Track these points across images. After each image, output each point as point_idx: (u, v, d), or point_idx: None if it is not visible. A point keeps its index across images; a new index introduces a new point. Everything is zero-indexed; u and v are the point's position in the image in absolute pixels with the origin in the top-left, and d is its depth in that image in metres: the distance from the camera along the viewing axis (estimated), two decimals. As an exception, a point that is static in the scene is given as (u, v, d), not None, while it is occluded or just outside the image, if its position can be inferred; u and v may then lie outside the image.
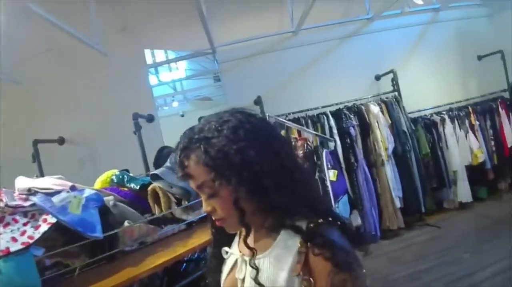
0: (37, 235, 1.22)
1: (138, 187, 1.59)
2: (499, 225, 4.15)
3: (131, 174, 1.72)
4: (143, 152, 3.85)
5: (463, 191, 4.90)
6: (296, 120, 4.53)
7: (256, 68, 5.11)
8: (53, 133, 4.48)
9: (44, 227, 1.25)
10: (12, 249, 1.16)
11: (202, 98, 7.32)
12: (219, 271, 1.10)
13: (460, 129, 5.03)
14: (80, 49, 4.14)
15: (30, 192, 1.34)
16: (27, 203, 1.30)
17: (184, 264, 2.01)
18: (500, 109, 5.24)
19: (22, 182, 1.40)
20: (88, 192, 1.43)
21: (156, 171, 1.58)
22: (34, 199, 1.30)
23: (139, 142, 3.87)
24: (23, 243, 1.19)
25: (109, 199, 1.48)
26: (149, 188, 1.57)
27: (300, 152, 2.49)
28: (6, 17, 3.30)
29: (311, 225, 0.92)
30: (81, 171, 4.41)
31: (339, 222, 0.95)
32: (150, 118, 4.18)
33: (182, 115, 7.57)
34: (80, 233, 1.28)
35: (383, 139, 4.50)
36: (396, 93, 4.96)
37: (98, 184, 1.71)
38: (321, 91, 5.04)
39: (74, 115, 4.56)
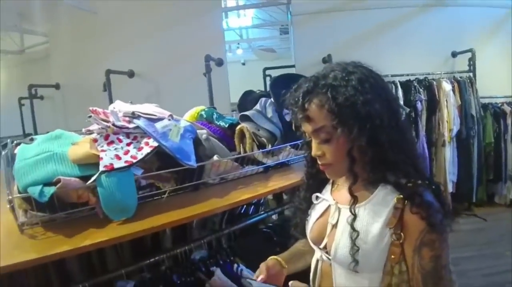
0: (140, 156, 1.31)
1: (227, 126, 1.66)
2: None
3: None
4: (211, 95, 3.95)
5: (517, 189, 4.69)
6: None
7: (328, 25, 4.96)
8: (124, 65, 4.62)
9: (146, 150, 1.33)
10: (116, 165, 1.24)
11: (266, 49, 7.28)
12: (307, 214, 1.20)
13: (531, 123, 4.77)
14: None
15: (134, 115, 1.43)
16: (131, 125, 1.39)
17: (244, 206, 2.13)
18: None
19: (123, 106, 1.49)
20: (184, 123, 1.52)
21: (246, 113, 1.65)
22: (139, 122, 1.39)
23: (208, 84, 3.95)
24: (126, 162, 1.27)
25: (202, 133, 1.57)
26: (238, 127, 1.64)
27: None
28: None
29: (410, 184, 0.98)
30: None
31: (434, 187, 1.01)
32: (220, 62, 4.23)
33: (244, 64, 7.60)
34: (177, 160, 1.37)
35: (449, 119, 4.37)
36: (471, 74, 4.74)
37: (187, 118, 1.80)
38: (392, 59, 4.87)
39: (145, 49, 4.66)
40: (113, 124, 1.36)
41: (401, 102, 4.29)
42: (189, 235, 1.81)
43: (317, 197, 1.18)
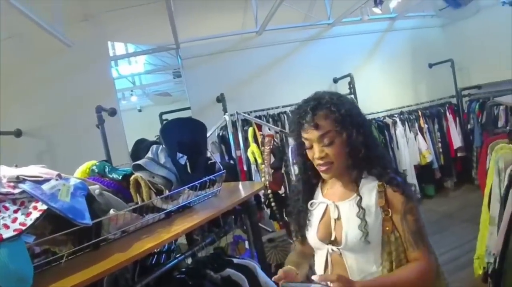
0: (29, 222, 1.23)
1: (120, 177, 1.63)
2: (446, 219, 4.53)
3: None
4: (106, 146, 3.81)
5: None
6: (258, 118, 4.64)
7: (219, 66, 5.17)
8: (10, 124, 4.31)
9: (35, 214, 1.26)
10: (5, 235, 1.16)
11: (162, 93, 7.26)
12: (305, 219, 1.48)
13: (410, 131, 5.39)
14: (42, 37, 4.00)
15: (19, 179, 1.34)
16: (16, 191, 1.31)
17: (155, 256, 2.07)
18: (447, 113, 5.65)
19: (7, 171, 1.40)
20: (74, 180, 1.47)
21: (139, 162, 1.63)
22: (24, 186, 1.31)
23: (102, 136, 3.82)
24: (15, 230, 1.19)
25: (95, 188, 1.52)
26: (132, 178, 1.62)
27: (267, 148, 2.60)
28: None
29: (386, 173, 1.35)
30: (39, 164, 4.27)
31: (400, 174, 1.41)
32: (113, 112, 4.13)
33: (140, 110, 7.46)
34: (70, 220, 1.30)
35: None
36: (352, 96, 5.20)
37: (78, 174, 1.73)
38: (282, 91, 5.19)
39: (32, 106, 4.42)
40: (-3, 192, 1.27)
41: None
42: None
43: (311, 204, 1.47)
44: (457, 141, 5.57)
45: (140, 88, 7.13)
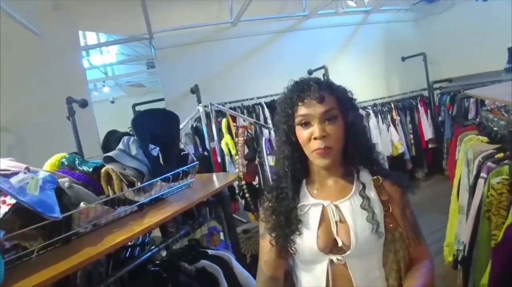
0: (-3, 217, 1.20)
1: (91, 170, 1.60)
2: (417, 209, 4.53)
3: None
4: (77, 138, 3.73)
5: (384, 179, 5.35)
6: (232, 110, 4.64)
7: (193, 57, 5.13)
8: None
9: (4, 209, 1.24)
10: (-27, 231, 1.12)
11: (135, 84, 7.13)
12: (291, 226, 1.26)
13: (382, 123, 5.49)
14: (10, 27, 3.85)
15: (-15, 174, 1.30)
16: (-17, 185, 1.27)
17: (129, 250, 2.06)
18: (419, 106, 5.79)
19: None
20: (42, 174, 1.43)
21: (109, 154, 1.61)
22: (-10, 180, 1.28)
23: (73, 128, 3.73)
24: (-17, 226, 1.16)
25: (64, 181, 1.48)
26: (103, 170, 1.59)
27: (241, 139, 2.60)
28: None
29: (380, 167, 1.29)
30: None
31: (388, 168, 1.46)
32: (84, 103, 4.03)
33: (112, 102, 7.31)
34: (39, 214, 1.28)
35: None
36: (327, 88, 5.23)
37: (47, 167, 1.69)
38: (256, 83, 5.20)
39: (0, 98, 4.26)
40: (-37, 188, 1.23)
41: (270, 122, 4.56)
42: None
43: (301, 207, 1.27)
44: (428, 133, 5.72)
45: (113, 78, 6.98)
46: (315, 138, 1.17)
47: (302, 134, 1.21)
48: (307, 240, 1.23)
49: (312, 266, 1.26)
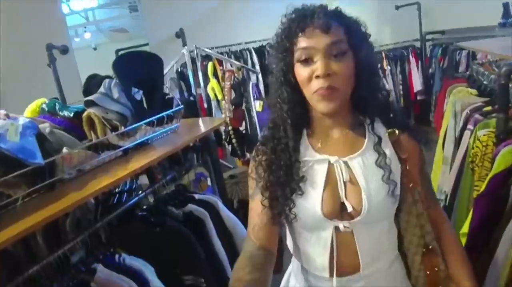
0: (-23, 165, 1.18)
1: (72, 115, 1.57)
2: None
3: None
4: (59, 86, 3.65)
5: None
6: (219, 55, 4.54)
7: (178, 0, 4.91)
8: None
9: (-16, 156, 1.20)
10: (-47, 180, 1.11)
11: (118, 29, 6.89)
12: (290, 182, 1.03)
13: (372, 72, 5.41)
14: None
15: (-37, 121, 1.27)
16: (-39, 132, 1.24)
17: (117, 196, 2.07)
18: (410, 57, 5.70)
19: None
20: (22, 120, 1.39)
21: (90, 97, 1.57)
22: (-31, 128, 1.24)
23: (54, 75, 3.64)
24: (-36, 174, 1.14)
25: (45, 127, 1.45)
26: (84, 114, 1.56)
27: (228, 83, 2.56)
28: None
29: (396, 117, 1.09)
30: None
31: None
32: (65, 49, 3.90)
33: (95, 48, 7.09)
34: (21, 161, 1.26)
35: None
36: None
37: (27, 114, 1.66)
38: (244, 27, 5.04)
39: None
40: None
41: (257, 67, 4.48)
42: (64, 240, 1.70)
43: (303, 163, 1.04)
44: (417, 84, 5.67)
45: (94, 23, 6.72)
46: (317, 77, 0.94)
47: (301, 72, 0.97)
48: (310, 202, 1.01)
49: (314, 234, 1.06)
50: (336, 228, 1.01)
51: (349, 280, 1.05)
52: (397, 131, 1.04)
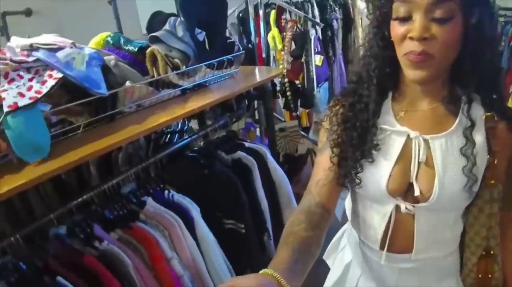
0: (44, 90, 1.22)
1: (136, 49, 1.58)
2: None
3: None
4: (119, 24, 3.67)
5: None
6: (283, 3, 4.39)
7: None
8: (20, 3, 4.04)
9: (51, 82, 1.24)
10: (20, 103, 1.16)
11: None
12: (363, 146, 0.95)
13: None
14: None
15: (33, 48, 1.30)
16: (30, 59, 1.27)
17: (168, 135, 2.11)
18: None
19: (20, 41, 1.35)
20: (88, 50, 1.42)
21: (156, 33, 1.57)
22: (38, 54, 1.27)
23: (115, 13, 3.65)
24: (31, 98, 1.18)
25: (110, 59, 1.48)
26: (148, 50, 1.56)
27: (289, 34, 2.48)
28: None
29: (500, 101, 0.89)
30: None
31: None
32: (126, -13, 3.90)
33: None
34: (85, 89, 1.29)
35: (364, 37, 4.50)
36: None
37: (92, 46, 1.68)
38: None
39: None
40: (11, 60, 1.24)
41: (318, 20, 4.31)
42: (116, 173, 1.77)
43: (380, 131, 0.94)
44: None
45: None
46: (411, 38, 0.80)
47: (396, 29, 0.84)
48: (378, 174, 0.93)
49: (374, 205, 1.00)
50: (397, 207, 0.94)
51: (399, 259, 1.00)
52: (495, 116, 0.87)
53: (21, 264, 1.26)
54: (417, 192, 0.89)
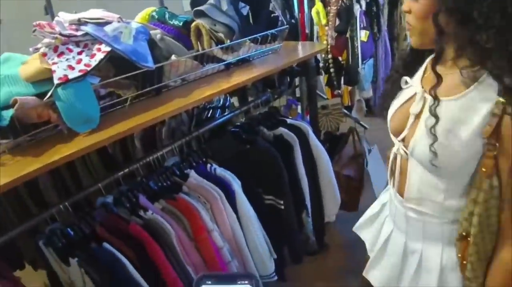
0: (93, 63, 1.25)
1: (181, 24, 1.59)
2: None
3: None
4: (161, 2, 3.70)
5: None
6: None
7: None
8: None
9: (99, 56, 1.27)
10: (71, 76, 1.19)
11: None
12: (393, 98, 1.12)
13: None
14: None
15: (81, 22, 1.33)
16: (79, 33, 1.30)
17: (210, 111, 2.13)
18: None
19: (67, 16, 1.38)
20: (135, 24, 1.44)
21: (200, 8, 1.57)
22: (87, 28, 1.30)
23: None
24: (80, 71, 1.22)
25: (156, 33, 1.50)
26: (193, 24, 1.57)
27: (334, 8, 2.41)
28: None
29: None
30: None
31: None
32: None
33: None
34: (133, 63, 1.32)
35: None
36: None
37: (137, 21, 1.70)
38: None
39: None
40: (60, 34, 1.28)
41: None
42: (159, 146, 1.82)
43: (406, 82, 1.05)
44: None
45: None
46: None
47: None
48: (388, 116, 1.11)
49: (392, 146, 1.10)
50: (399, 150, 1.06)
51: (402, 201, 1.10)
52: (506, 106, 0.80)
53: (69, 230, 1.34)
54: (401, 137, 1.03)
